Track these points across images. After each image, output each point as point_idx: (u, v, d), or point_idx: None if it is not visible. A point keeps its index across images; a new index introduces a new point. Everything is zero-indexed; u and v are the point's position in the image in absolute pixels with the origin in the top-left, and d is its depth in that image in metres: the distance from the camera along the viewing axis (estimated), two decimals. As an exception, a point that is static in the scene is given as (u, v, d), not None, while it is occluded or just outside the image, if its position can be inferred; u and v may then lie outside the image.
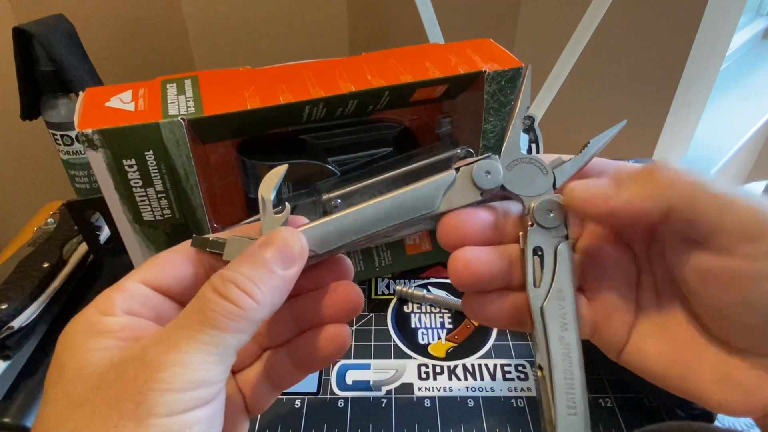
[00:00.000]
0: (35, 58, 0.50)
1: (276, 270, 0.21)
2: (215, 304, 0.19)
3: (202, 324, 0.19)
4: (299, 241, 0.22)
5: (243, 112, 0.34)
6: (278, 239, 0.22)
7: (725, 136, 1.14)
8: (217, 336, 0.19)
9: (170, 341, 0.18)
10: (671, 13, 0.79)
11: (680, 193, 0.21)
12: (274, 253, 0.21)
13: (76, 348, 0.20)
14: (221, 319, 0.19)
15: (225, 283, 0.20)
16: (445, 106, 0.44)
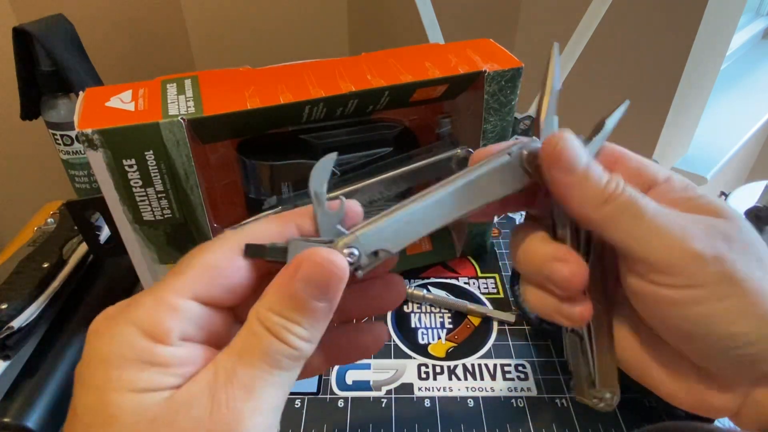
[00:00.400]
0: (35, 58, 0.50)
1: (317, 307, 0.20)
2: (278, 349, 0.19)
3: (272, 368, 0.19)
4: (334, 269, 0.20)
5: (243, 112, 0.34)
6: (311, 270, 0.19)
7: (725, 136, 1.14)
8: (283, 376, 0.19)
9: (243, 385, 0.18)
10: (671, 13, 0.79)
11: (609, 212, 0.22)
12: (311, 289, 0.19)
13: (124, 384, 0.18)
14: (287, 362, 0.19)
15: (279, 328, 0.19)
16: (445, 106, 0.44)
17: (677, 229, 0.21)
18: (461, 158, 0.42)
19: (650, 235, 0.21)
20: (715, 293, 0.21)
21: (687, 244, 0.21)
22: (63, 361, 0.40)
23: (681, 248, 0.21)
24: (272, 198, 0.41)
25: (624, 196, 0.22)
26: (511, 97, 0.40)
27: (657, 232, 0.21)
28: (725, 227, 0.22)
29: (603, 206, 0.22)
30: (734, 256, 0.21)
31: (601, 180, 0.22)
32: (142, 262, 0.39)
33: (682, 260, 0.21)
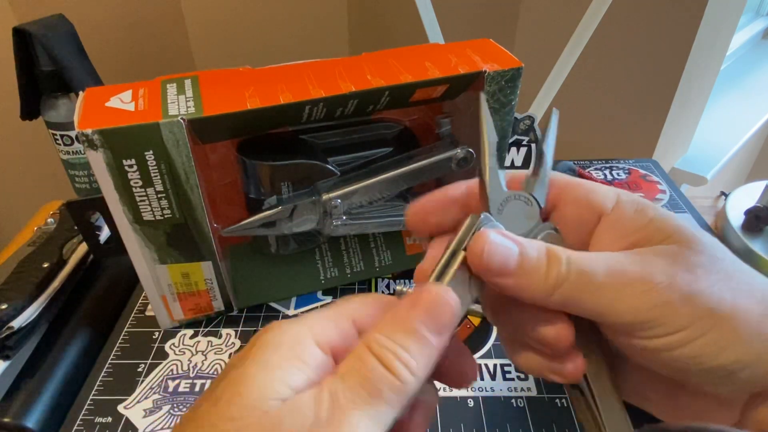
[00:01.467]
0: (35, 58, 0.50)
1: (430, 338, 0.19)
2: (383, 376, 0.18)
3: (370, 394, 0.18)
4: (451, 303, 0.20)
5: (243, 112, 0.34)
6: (428, 302, 0.20)
7: (725, 136, 1.14)
8: (382, 410, 0.18)
9: (340, 407, 0.17)
10: (671, 13, 0.79)
11: (562, 297, 0.21)
12: (425, 319, 0.19)
13: (270, 367, 0.18)
14: (387, 393, 0.18)
15: (386, 353, 0.18)
16: (445, 106, 0.44)
17: (637, 283, 0.20)
18: (461, 158, 0.42)
19: (612, 300, 0.20)
20: (695, 332, 0.20)
21: (652, 296, 0.20)
22: (63, 361, 0.40)
23: (647, 302, 0.20)
24: (272, 198, 0.41)
25: (571, 274, 0.21)
26: (511, 97, 0.40)
27: (617, 295, 0.20)
28: (684, 255, 0.21)
29: (554, 294, 0.21)
30: (701, 286, 0.20)
31: (541, 269, 0.21)
32: (142, 262, 0.39)
33: (652, 313, 0.20)
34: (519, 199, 0.23)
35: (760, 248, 0.50)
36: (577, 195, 0.24)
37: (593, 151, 0.94)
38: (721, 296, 0.20)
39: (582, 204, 0.24)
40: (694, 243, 0.21)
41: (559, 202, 0.24)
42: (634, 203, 0.23)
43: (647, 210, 0.23)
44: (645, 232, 0.22)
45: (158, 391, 0.39)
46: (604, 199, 0.23)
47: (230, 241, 0.46)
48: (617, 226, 0.23)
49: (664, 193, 0.60)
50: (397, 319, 0.19)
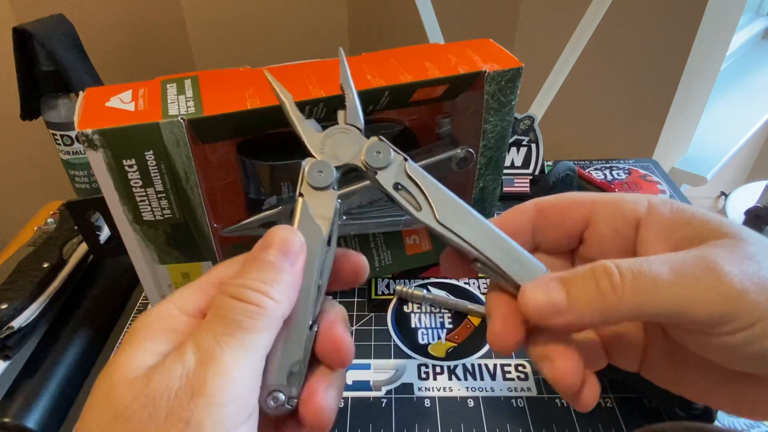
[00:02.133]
0: (35, 58, 0.50)
1: (282, 264, 0.21)
2: (238, 308, 0.20)
3: (231, 329, 0.19)
4: (298, 236, 0.22)
5: (243, 112, 0.34)
6: (277, 238, 0.22)
7: (725, 136, 1.14)
8: (247, 338, 0.19)
9: (204, 352, 0.19)
10: (671, 13, 0.79)
11: (630, 307, 0.20)
12: (277, 253, 0.21)
13: (135, 344, 0.20)
14: (247, 321, 0.19)
15: (240, 289, 0.20)
16: (445, 106, 0.44)
17: (706, 276, 0.19)
18: (461, 158, 0.42)
19: (683, 298, 0.19)
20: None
21: (723, 288, 0.19)
22: (63, 361, 0.40)
23: (722, 294, 0.19)
24: (272, 198, 0.41)
25: (627, 282, 0.19)
26: (511, 97, 0.40)
27: (688, 291, 0.19)
28: (741, 247, 0.20)
29: (619, 305, 0.20)
30: (765, 273, 0.19)
31: (590, 287, 0.20)
32: (142, 262, 0.39)
33: (728, 305, 0.19)
34: (336, 133, 0.25)
35: (760, 248, 0.50)
36: (607, 210, 0.23)
37: (593, 151, 0.94)
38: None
39: (615, 217, 0.23)
40: (743, 235, 0.20)
41: (591, 221, 0.23)
42: (667, 204, 0.22)
43: (684, 208, 0.22)
44: (688, 229, 0.21)
45: (158, 391, 0.39)
46: (636, 206, 0.23)
47: (230, 241, 0.46)
48: (658, 229, 0.22)
49: (664, 194, 0.60)
50: (250, 261, 0.21)
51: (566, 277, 0.21)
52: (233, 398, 0.18)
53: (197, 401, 0.18)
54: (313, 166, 0.24)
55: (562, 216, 0.24)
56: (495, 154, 0.43)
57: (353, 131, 0.25)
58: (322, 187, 0.24)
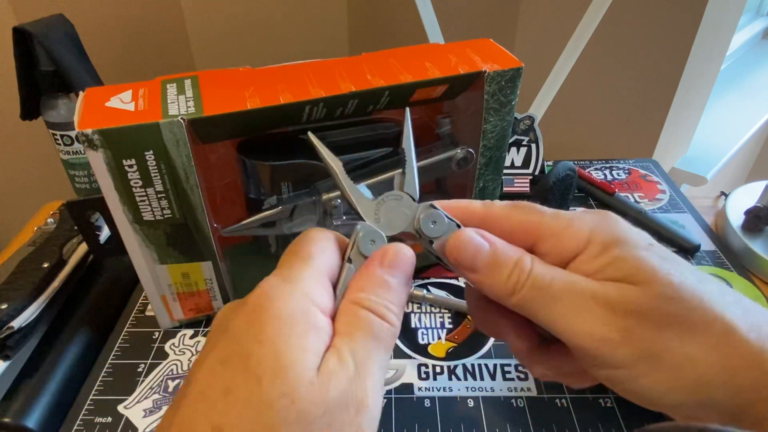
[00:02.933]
0: (35, 58, 0.50)
1: (400, 287, 0.23)
2: (383, 327, 0.21)
3: (377, 345, 0.21)
4: (408, 254, 0.23)
5: (243, 112, 0.34)
6: (408, 264, 0.23)
7: (725, 136, 1.14)
8: (385, 355, 0.21)
9: (362, 364, 0.20)
10: (671, 13, 0.79)
11: (522, 299, 0.23)
12: (401, 277, 0.23)
13: (298, 343, 0.19)
14: (388, 340, 0.21)
15: (382, 309, 0.22)
16: (445, 106, 0.44)
17: (588, 309, 0.21)
18: (461, 158, 0.42)
19: (562, 317, 0.21)
20: (636, 372, 0.20)
21: (597, 327, 0.21)
22: (63, 361, 0.40)
23: (592, 332, 0.21)
24: (272, 198, 0.41)
25: (529, 281, 0.22)
26: (511, 97, 0.40)
27: (567, 313, 0.21)
28: (637, 297, 0.21)
29: (512, 297, 0.23)
30: (646, 332, 0.20)
31: (504, 271, 0.23)
32: (142, 262, 0.39)
33: (592, 345, 0.21)
34: (389, 200, 0.25)
35: (760, 248, 0.50)
36: (548, 245, 0.24)
37: (593, 151, 0.94)
38: (666, 343, 0.20)
39: (556, 252, 0.24)
40: (652, 284, 0.21)
41: (534, 250, 0.24)
42: (599, 245, 0.23)
43: (610, 251, 0.23)
44: (603, 274, 0.22)
45: (158, 391, 0.39)
46: (576, 244, 0.23)
47: (230, 241, 0.46)
48: (580, 270, 0.23)
49: (664, 193, 0.60)
50: (372, 277, 0.23)
51: (497, 249, 0.23)
52: (380, 411, 0.20)
53: (363, 413, 0.19)
54: (366, 235, 0.24)
55: (502, 237, 0.25)
56: (495, 154, 0.43)
57: (405, 198, 0.26)
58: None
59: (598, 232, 0.23)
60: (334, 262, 0.23)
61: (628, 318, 0.21)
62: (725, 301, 0.21)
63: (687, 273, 0.22)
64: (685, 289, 0.21)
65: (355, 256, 0.24)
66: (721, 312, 0.21)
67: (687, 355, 0.20)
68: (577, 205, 0.59)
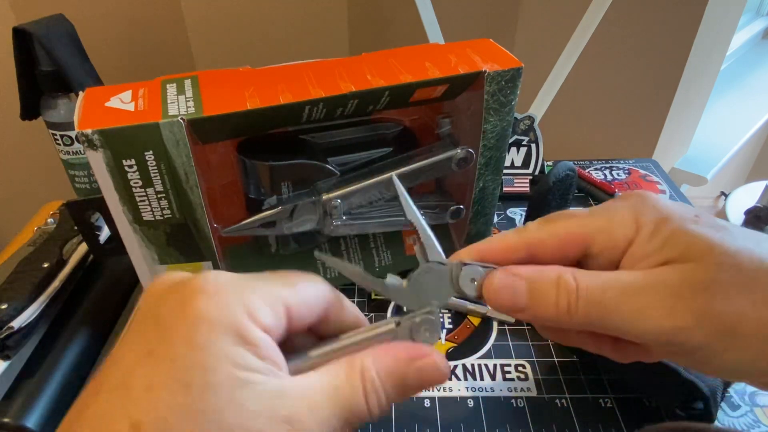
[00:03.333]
0: (35, 58, 0.50)
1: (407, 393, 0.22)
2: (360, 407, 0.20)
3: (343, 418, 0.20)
4: (443, 374, 0.22)
5: (243, 112, 0.34)
6: (430, 377, 0.22)
7: (725, 136, 1.14)
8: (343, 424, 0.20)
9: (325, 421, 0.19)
10: (671, 14, 0.79)
11: (584, 317, 0.22)
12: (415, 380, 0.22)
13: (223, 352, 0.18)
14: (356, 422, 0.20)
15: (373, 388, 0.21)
16: (445, 106, 0.44)
17: (652, 305, 0.20)
18: (461, 158, 0.42)
19: (630, 321, 0.21)
20: (716, 350, 0.20)
21: (666, 318, 0.20)
22: (63, 361, 0.40)
23: (664, 323, 0.20)
24: (272, 198, 0.41)
25: (581, 300, 0.21)
26: (511, 97, 0.40)
27: (634, 316, 0.21)
28: (698, 274, 0.20)
29: (572, 319, 0.22)
30: (717, 307, 0.20)
31: (550, 299, 0.22)
32: (142, 262, 0.39)
33: (670, 334, 0.20)
34: (421, 277, 0.24)
35: (760, 248, 0.50)
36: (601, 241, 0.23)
37: (593, 151, 0.94)
38: (740, 312, 0.20)
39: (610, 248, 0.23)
40: (709, 257, 0.21)
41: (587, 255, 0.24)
42: (650, 224, 0.22)
43: (662, 229, 0.22)
44: (662, 255, 0.22)
45: (158, 391, 0.39)
46: (625, 231, 0.23)
47: (230, 241, 0.46)
48: (636, 255, 0.22)
49: (664, 194, 0.60)
50: (394, 361, 0.21)
51: (532, 281, 0.22)
52: None
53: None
54: (423, 323, 0.23)
55: (555, 255, 0.24)
56: (495, 154, 0.43)
57: (434, 267, 0.25)
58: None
59: (645, 213, 0.23)
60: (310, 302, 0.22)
61: (697, 298, 0.20)
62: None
63: (741, 237, 0.21)
64: (743, 255, 0.21)
65: (404, 329, 0.23)
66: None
67: (763, 319, 0.20)
68: (577, 205, 0.59)
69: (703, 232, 0.21)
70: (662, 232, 0.22)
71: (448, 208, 0.46)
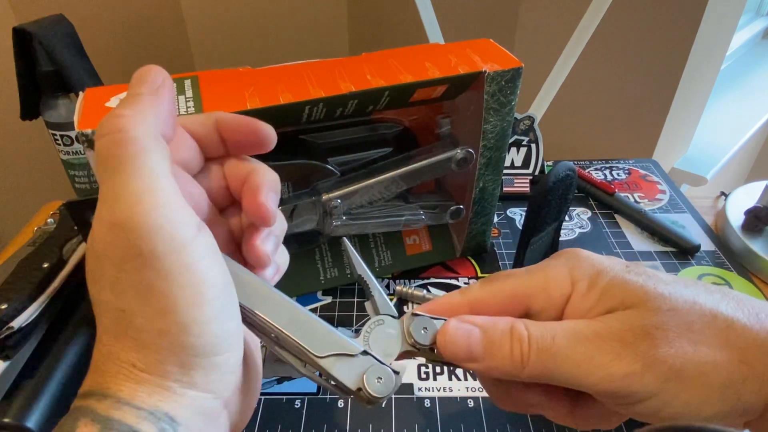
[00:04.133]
0: (35, 58, 0.50)
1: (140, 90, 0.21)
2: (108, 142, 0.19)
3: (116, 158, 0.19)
4: (161, 70, 0.22)
5: (243, 112, 0.34)
6: (139, 72, 0.22)
7: (725, 136, 1.14)
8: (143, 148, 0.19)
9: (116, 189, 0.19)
10: (671, 13, 0.79)
11: (536, 369, 0.22)
12: (135, 82, 0.22)
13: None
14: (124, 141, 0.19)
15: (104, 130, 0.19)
16: (445, 106, 0.44)
17: (599, 356, 0.21)
18: (461, 158, 0.42)
19: (580, 372, 0.21)
20: (668, 395, 0.20)
21: (612, 370, 0.20)
22: (63, 361, 0.40)
23: (612, 373, 0.20)
24: (272, 198, 0.41)
25: (532, 351, 0.22)
26: (511, 97, 0.40)
27: (583, 368, 0.21)
28: (639, 320, 0.21)
29: (524, 370, 0.22)
30: (662, 350, 0.20)
31: (505, 349, 0.22)
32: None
33: (620, 383, 0.20)
34: (373, 329, 0.24)
35: (760, 248, 0.50)
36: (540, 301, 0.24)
37: (593, 151, 0.94)
38: (683, 355, 0.20)
39: (548, 306, 0.24)
40: (647, 303, 0.21)
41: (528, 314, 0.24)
42: (585, 279, 0.23)
43: (597, 282, 0.22)
44: (600, 307, 0.22)
45: (158, 391, 0.39)
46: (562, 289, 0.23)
47: (230, 241, 0.46)
48: (576, 311, 0.23)
49: (663, 193, 0.60)
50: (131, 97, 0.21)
51: (487, 331, 0.22)
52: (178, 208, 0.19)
53: (126, 228, 0.18)
54: (371, 374, 0.23)
55: (501, 311, 0.24)
56: (495, 154, 0.43)
57: (386, 319, 0.25)
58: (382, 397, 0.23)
59: (578, 270, 0.23)
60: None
61: (640, 344, 0.20)
62: (714, 298, 0.21)
63: (671, 282, 0.22)
64: (676, 297, 0.21)
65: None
66: (717, 308, 0.21)
67: (705, 359, 0.20)
68: (577, 205, 0.59)
69: (636, 280, 0.22)
70: (598, 285, 0.22)
71: (448, 208, 0.46)
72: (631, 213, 0.56)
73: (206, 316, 0.18)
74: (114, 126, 0.19)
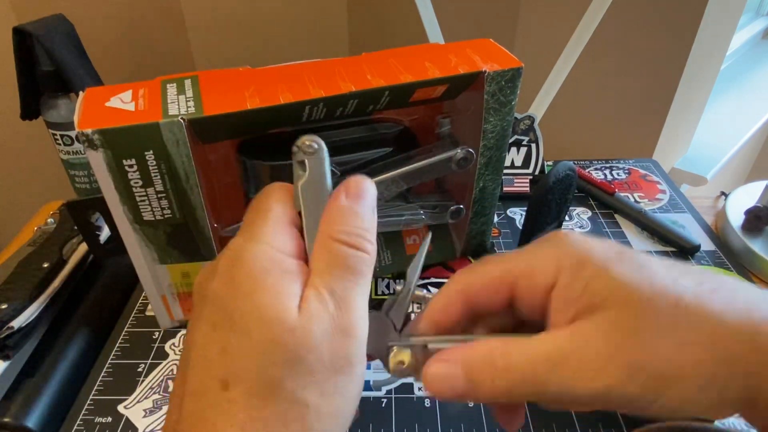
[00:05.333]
0: (35, 58, 0.50)
1: (373, 217, 0.23)
2: (355, 257, 0.22)
3: (354, 276, 0.22)
4: (368, 183, 0.24)
5: (243, 112, 0.34)
6: (364, 191, 0.24)
7: (725, 136, 1.14)
8: (363, 283, 0.22)
9: (342, 300, 0.21)
10: (671, 13, 0.79)
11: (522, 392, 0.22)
12: (367, 205, 0.23)
13: (270, 288, 0.20)
14: (363, 268, 0.22)
15: (353, 237, 0.22)
16: (445, 106, 0.44)
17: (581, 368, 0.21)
18: (461, 158, 0.42)
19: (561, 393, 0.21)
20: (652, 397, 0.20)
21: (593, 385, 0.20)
22: (63, 361, 0.40)
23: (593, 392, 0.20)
24: (272, 198, 0.41)
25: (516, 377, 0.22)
26: (511, 97, 0.40)
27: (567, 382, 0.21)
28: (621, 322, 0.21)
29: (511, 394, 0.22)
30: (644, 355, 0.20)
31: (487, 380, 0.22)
32: (142, 262, 0.39)
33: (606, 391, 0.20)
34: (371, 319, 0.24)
35: (760, 248, 0.50)
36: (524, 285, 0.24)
37: (593, 151, 0.94)
38: (667, 357, 0.20)
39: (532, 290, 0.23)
40: (629, 303, 0.21)
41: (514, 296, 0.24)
42: (569, 268, 0.22)
43: (581, 274, 0.22)
44: (582, 301, 0.22)
45: (158, 391, 0.39)
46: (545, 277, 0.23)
47: (230, 241, 0.46)
48: (559, 301, 0.22)
49: (663, 193, 0.60)
50: (339, 209, 0.23)
51: (466, 360, 0.23)
52: (366, 335, 0.22)
53: (350, 341, 0.21)
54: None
55: (487, 300, 0.24)
56: (495, 154, 0.43)
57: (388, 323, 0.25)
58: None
59: (565, 256, 0.23)
60: (293, 209, 0.24)
61: (623, 353, 0.20)
62: (702, 290, 0.21)
63: (661, 274, 0.21)
64: (659, 298, 0.21)
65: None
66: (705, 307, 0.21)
67: (689, 360, 0.20)
68: (577, 205, 0.59)
69: (623, 273, 0.21)
70: (582, 277, 0.22)
71: (448, 208, 0.46)
72: (631, 213, 0.56)
73: None
74: (367, 248, 0.23)
